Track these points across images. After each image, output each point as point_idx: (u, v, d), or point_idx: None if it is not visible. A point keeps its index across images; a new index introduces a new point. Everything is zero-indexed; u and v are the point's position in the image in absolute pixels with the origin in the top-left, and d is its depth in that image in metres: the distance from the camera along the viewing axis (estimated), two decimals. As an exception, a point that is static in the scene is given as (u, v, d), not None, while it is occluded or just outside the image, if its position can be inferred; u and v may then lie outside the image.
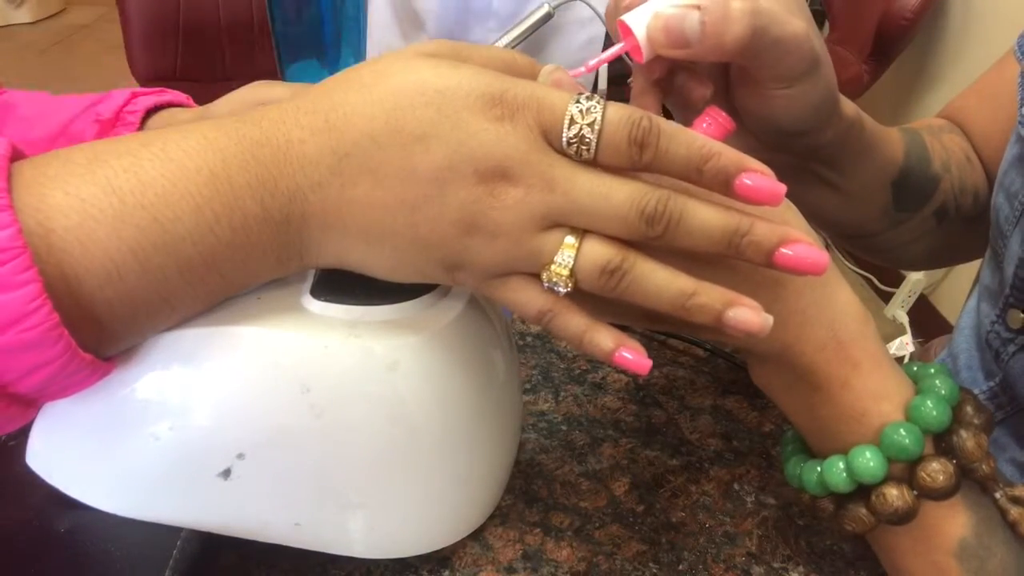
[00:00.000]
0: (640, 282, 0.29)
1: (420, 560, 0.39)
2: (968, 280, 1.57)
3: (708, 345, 0.56)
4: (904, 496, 0.33)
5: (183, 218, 0.28)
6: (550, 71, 0.32)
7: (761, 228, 0.29)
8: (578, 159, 0.29)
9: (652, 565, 0.40)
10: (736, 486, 0.45)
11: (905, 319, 1.85)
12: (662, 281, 0.29)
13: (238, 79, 0.52)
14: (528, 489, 0.44)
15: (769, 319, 0.30)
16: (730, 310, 0.29)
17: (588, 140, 0.28)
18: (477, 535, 0.41)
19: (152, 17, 1.79)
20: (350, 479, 0.34)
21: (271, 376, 0.32)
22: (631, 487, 0.45)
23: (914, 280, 1.85)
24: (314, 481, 0.34)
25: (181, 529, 0.33)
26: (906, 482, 0.33)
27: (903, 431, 0.33)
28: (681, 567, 0.40)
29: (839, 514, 0.35)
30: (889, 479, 0.33)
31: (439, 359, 0.34)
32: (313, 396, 0.32)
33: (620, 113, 0.28)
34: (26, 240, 0.25)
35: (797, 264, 0.30)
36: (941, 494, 0.33)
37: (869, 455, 0.33)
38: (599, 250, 0.29)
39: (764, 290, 0.32)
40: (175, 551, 0.33)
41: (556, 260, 0.29)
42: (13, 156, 0.28)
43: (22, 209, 0.26)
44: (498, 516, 0.42)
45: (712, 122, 0.34)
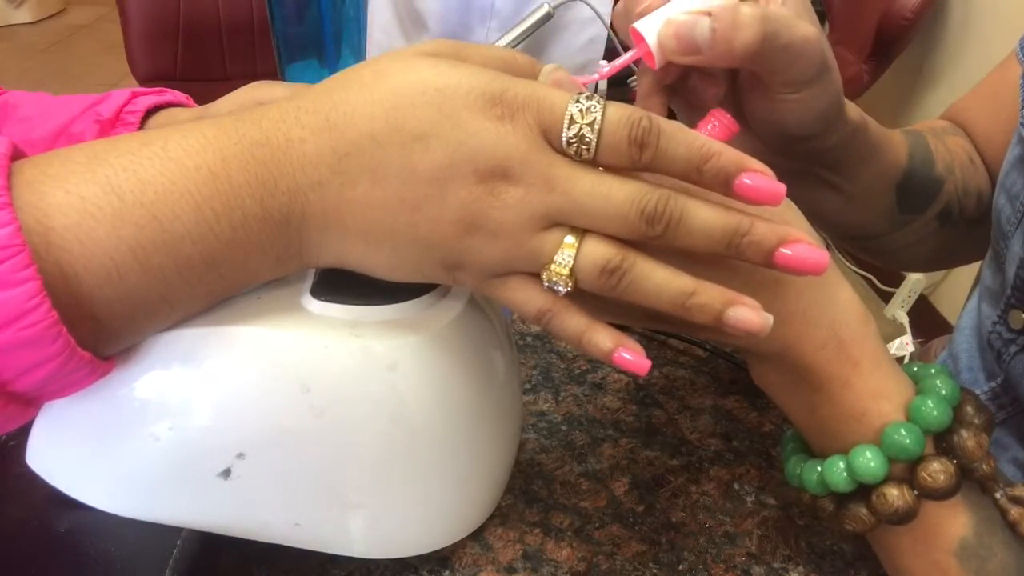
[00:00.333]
0: (640, 282, 0.29)
1: (420, 560, 0.39)
2: (968, 280, 1.57)
3: (708, 345, 0.56)
4: (905, 496, 0.33)
5: (182, 217, 0.28)
6: (550, 71, 0.32)
7: (761, 228, 0.29)
8: (578, 159, 0.29)
9: (652, 565, 0.40)
10: (736, 486, 0.45)
11: (905, 319, 1.85)
12: (662, 280, 0.29)
13: (238, 79, 0.52)
14: (528, 489, 0.44)
15: (769, 318, 0.30)
16: (730, 309, 0.29)
17: (588, 140, 0.28)
18: (477, 535, 0.40)
19: (152, 17, 1.79)
20: (350, 479, 0.34)
21: (271, 376, 0.32)
22: (631, 487, 0.45)
23: (914, 280, 1.85)
24: (314, 481, 0.34)
25: (181, 529, 0.33)
26: (907, 482, 0.33)
27: (904, 431, 0.33)
28: (681, 567, 0.40)
29: (839, 514, 0.35)
30: (890, 479, 0.33)
31: (439, 359, 0.34)
32: (313, 396, 0.32)
33: (620, 113, 0.28)
34: (25, 238, 0.25)
35: (797, 264, 0.30)
36: (942, 494, 0.33)
37: (870, 455, 0.33)
38: (599, 249, 0.29)
39: (765, 290, 0.32)
40: (175, 551, 0.33)
41: (556, 260, 0.29)
42: (14, 155, 0.28)
43: (22, 207, 0.26)
44: (498, 516, 0.42)
45: (717, 124, 0.34)
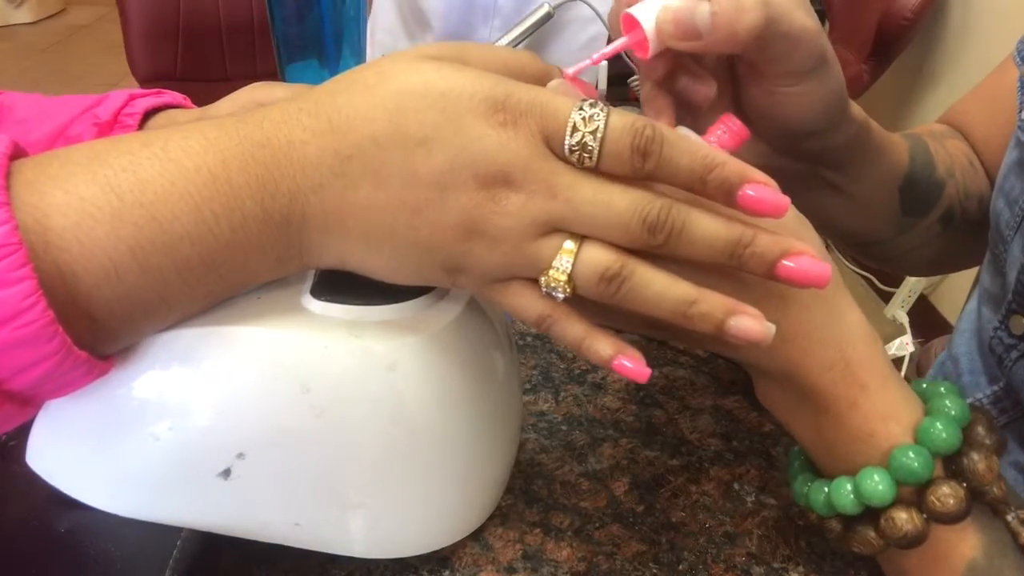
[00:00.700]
0: (640, 289, 0.29)
1: (420, 560, 0.39)
2: (968, 280, 1.57)
3: (708, 345, 0.56)
4: (914, 520, 0.32)
5: (181, 218, 0.28)
6: (555, 84, 0.32)
7: (764, 239, 0.29)
8: (580, 166, 0.29)
9: (652, 565, 0.40)
10: (736, 486, 0.45)
11: (905, 319, 1.85)
12: (662, 288, 0.29)
13: (238, 79, 0.52)
14: (528, 489, 0.44)
15: (771, 328, 0.30)
16: (732, 318, 0.29)
17: (590, 148, 0.28)
18: (477, 535, 0.40)
19: (152, 17, 1.79)
20: (350, 479, 0.34)
21: (271, 376, 0.32)
22: (631, 487, 0.45)
23: (914, 280, 1.85)
24: (314, 481, 0.34)
25: (181, 529, 0.33)
26: (915, 505, 0.33)
27: (912, 454, 0.32)
28: (681, 567, 0.40)
29: (847, 536, 0.35)
30: (898, 502, 0.33)
31: (439, 359, 0.34)
32: (313, 396, 0.32)
33: (623, 121, 0.28)
34: (22, 237, 0.25)
35: (799, 276, 0.29)
36: (951, 518, 0.32)
37: (878, 478, 0.32)
38: (598, 256, 0.29)
39: (770, 307, 0.32)
40: (175, 551, 0.33)
41: (554, 265, 0.29)
42: (14, 154, 0.28)
43: (20, 207, 0.26)
44: (498, 516, 0.42)
45: (727, 130, 0.33)
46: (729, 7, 0.34)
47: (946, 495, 0.32)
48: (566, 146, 0.28)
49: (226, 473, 0.32)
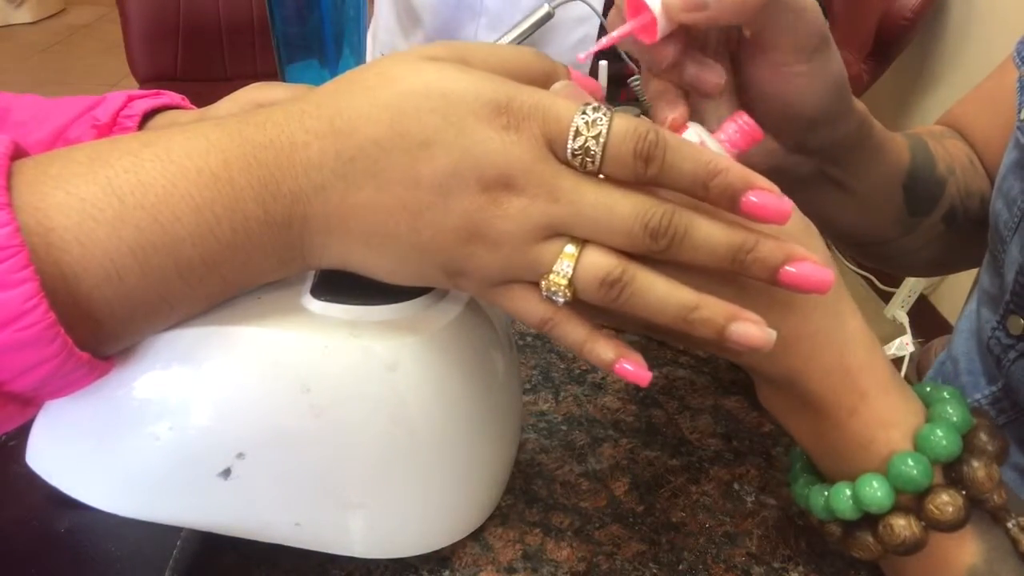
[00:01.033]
0: (641, 295, 0.29)
1: (420, 560, 0.39)
2: (968, 280, 1.57)
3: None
4: (912, 527, 0.32)
5: (183, 219, 0.28)
6: (560, 87, 0.32)
7: (766, 245, 0.29)
8: (583, 171, 0.29)
9: (652, 565, 0.40)
10: (736, 486, 0.45)
11: (905, 319, 1.85)
12: (663, 293, 0.29)
13: (238, 79, 0.52)
14: (528, 489, 0.44)
15: (773, 334, 0.29)
16: (733, 324, 0.29)
17: (593, 152, 0.28)
18: (477, 535, 0.41)
19: (152, 17, 1.79)
20: (350, 479, 0.34)
21: (271, 376, 0.32)
22: (631, 487, 0.45)
23: (914, 280, 1.85)
24: (314, 481, 0.34)
25: (181, 529, 0.33)
26: (914, 512, 0.32)
27: (911, 461, 0.32)
28: (681, 567, 0.40)
29: (846, 541, 0.35)
30: (897, 509, 0.33)
31: (439, 359, 0.34)
32: (313, 396, 0.32)
33: (626, 126, 0.28)
34: (24, 238, 0.25)
35: (801, 282, 0.29)
36: (950, 527, 0.32)
37: (876, 484, 0.32)
38: (599, 260, 0.29)
39: (772, 312, 0.31)
40: (175, 551, 0.33)
41: (555, 269, 0.29)
42: (15, 154, 0.28)
43: (22, 207, 0.26)
44: (498, 516, 0.42)
45: (739, 129, 0.33)
46: None
47: (945, 503, 0.32)
48: (568, 150, 0.28)
49: (226, 473, 0.32)
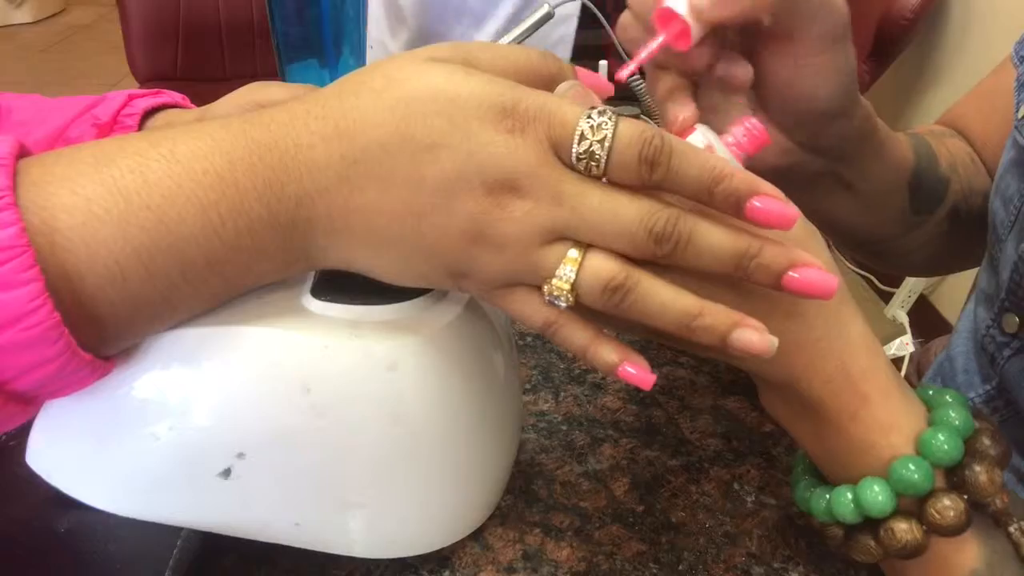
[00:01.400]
0: (643, 301, 0.29)
1: (420, 560, 0.39)
2: (968, 281, 1.57)
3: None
4: (913, 531, 0.32)
5: (188, 220, 0.28)
6: (566, 88, 0.31)
7: (770, 251, 0.29)
8: (587, 175, 0.29)
9: (652, 565, 0.40)
10: (736, 486, 0.45)
11: (905, 319, 1.85)
12: (667, 300, 0.29)
13: (238, 79, 0.52)
14: (528, 489, 0.44)
15: (774, 341, 0.29)
16: (735, 331, 0.29)
17: (598, 156, 0.28)
18: (477, 535, 0.41)
19: (152, 17, 1.80)
20: (350, 479, 0.34)
21: (271, 376, 0.32)
22: (631, 487, 0.45)
23: (914, 280, 1.85)
24: (314, 481, 0.34)
25: (181, 529, 0.33)
26: (915, 516, 0.32)
27: (912, 466, 0.32)
28: (681, 567, 0.40)
29: (847, 544, 0.35)
30: (898, 512, 0.32)
31: (439, 359, 0.34)
32: (313, 396, 0.32)
33: (632, 131, 0.28)
34: (30, 239, 0.25)
35: (805, 288, 0.29)
36: (951, 531, 0.32)
37: (877, 488, 0.32)
38: (602, 266, 0.29)
39: (774, 318, 0.31)
40: (175, 551, 0.33)
41: (557, 274, 0.29)
42: (20, 155, 0.28)
43: (27, 207, 0.26)
44: (498, 516, 0.42)
45: (747, 132, 0.33)
46: None
47: (946, 508, 0.32)
48: (573, 154, 0.28)
49: (226, 473, 0.32)
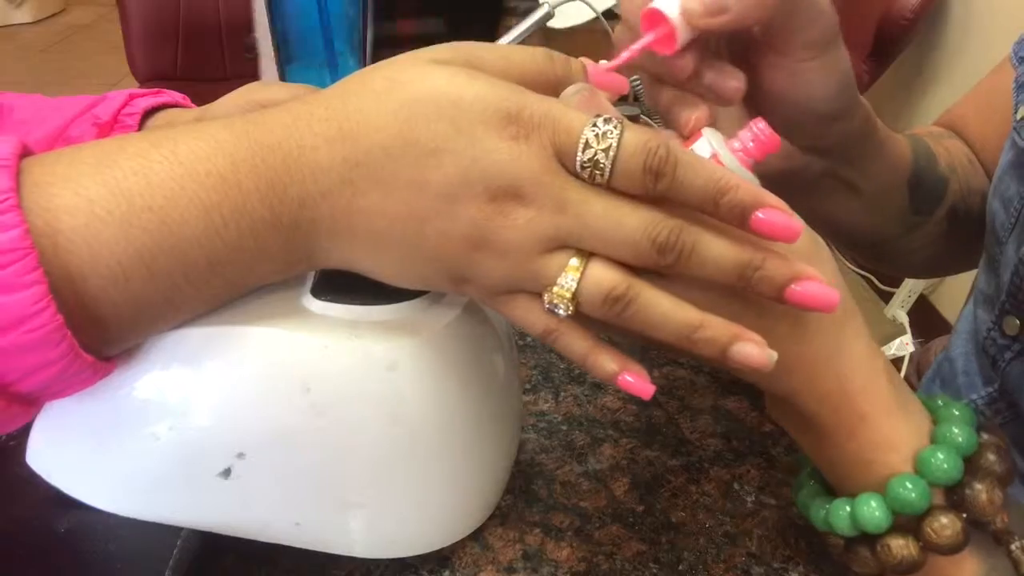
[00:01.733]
0: (644, 312, 0.29)
1: (420, 560, 0.39)
2: (968, 281, 1.57)
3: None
4: (909, 548, 0.32)
5: (191, 221, 0.27)
6: (573, 92, 0.31)
7: (773, 263, 0.29)
8: (591, 183, 0.28)
9: (652, 565, 0.40)
10: (736, 486, 0.45)
11: (905, 319, 1.85)
12: (667, 312, 0.29)
13: (238, 79, 0.52)
14: (528, 489, 0.44)
15: (773, 355, 0.29)
16: (735, 344, 0.29)
17: (602, 165, 0.28)
18: (477, 535, 0.41)
19: (152, 17, 1.80)
20: (350, 479, 0.34)
21: (271, 376, 0.32)
22: (631, 487, 0.45)
23: (914, 281, 1.85)
24: (314, 481, 0.34)
25: (181, 529, 0.33)
26: (912, 533, 0.32)
27: (909, 484, 0.32)
28: (681, 567, 0.40)
29: (847, 554, 0.35)
30: (895, 529, 0.32)
31: (439, 359, 0.34)
32: (313, 396, 0.32)
33: (637, 140, 0.27)
34: (33, 241, 0.25)
35: (807, 300, 0.29)
36: (947, 550, 0.32)
37: (874, 504, 0.32)
38: (604, 275, 0.29)
39: (774, 334, 0.31)
40: (175, 551, 0.33)
41: (559, 282, 0.29)
42: (23, 155, 0.28)
43: (30, 209, 0.25)
44: (498, 516, 0.42)
45: (755, 137, 0.33)
46: None
47: (943, 526, 0.31)
48: (578, 162, 0.28)
49: (226, 473, 0.32)
